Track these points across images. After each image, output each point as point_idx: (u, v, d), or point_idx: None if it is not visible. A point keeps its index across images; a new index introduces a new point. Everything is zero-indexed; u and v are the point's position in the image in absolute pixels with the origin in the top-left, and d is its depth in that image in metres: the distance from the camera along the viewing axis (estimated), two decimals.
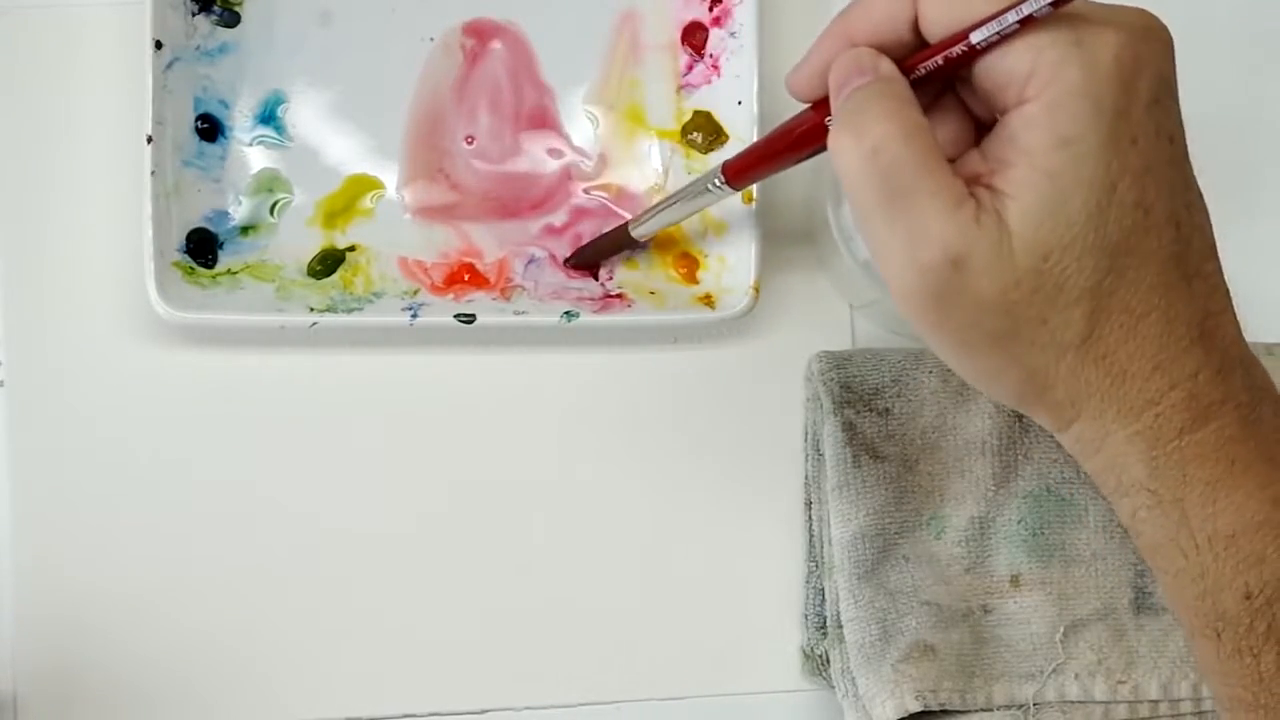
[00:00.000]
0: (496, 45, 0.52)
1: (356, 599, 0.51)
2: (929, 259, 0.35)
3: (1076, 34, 0.35)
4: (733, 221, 0.51)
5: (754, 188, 0.50)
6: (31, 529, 0.50)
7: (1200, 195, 0.37)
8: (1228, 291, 0.38)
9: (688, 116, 0.52)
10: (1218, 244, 0.38)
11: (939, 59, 0.36)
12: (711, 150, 0.52)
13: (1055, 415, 0.38)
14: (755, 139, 0.50)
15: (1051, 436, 0.50)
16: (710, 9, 0.52)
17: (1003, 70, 0.35)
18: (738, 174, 0.44)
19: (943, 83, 0.38)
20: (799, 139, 0.41)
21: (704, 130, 0.52)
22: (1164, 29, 0.36)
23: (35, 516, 0.50)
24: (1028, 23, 0.35)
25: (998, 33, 0.35)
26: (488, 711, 0.51)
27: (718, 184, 0.45)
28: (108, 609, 0.50)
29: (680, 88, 0.53)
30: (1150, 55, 0.35)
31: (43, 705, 0.49)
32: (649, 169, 0.52)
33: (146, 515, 0.50)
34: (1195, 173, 0.37)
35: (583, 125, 0.52)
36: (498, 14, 0.52)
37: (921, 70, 0.37)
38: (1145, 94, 0.35)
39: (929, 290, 0.36)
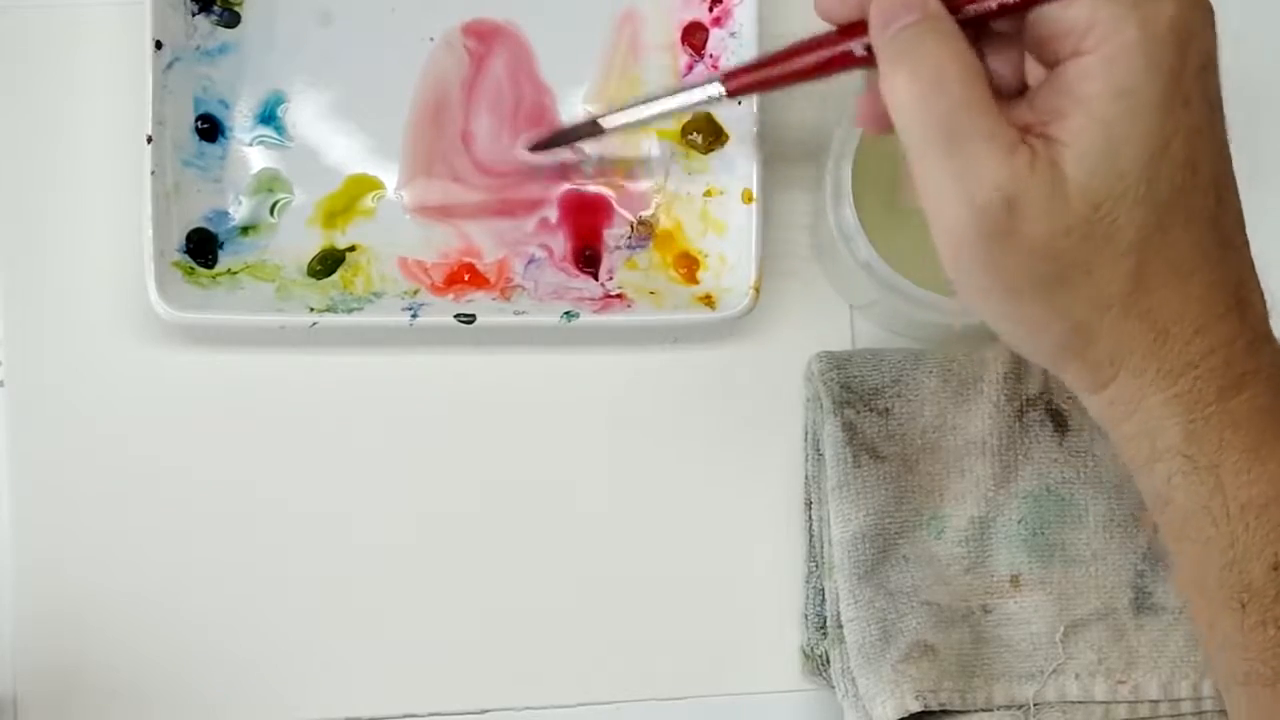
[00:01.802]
0: (496, 45, 0.52)
1: (356, 599, 0.51)
2: (984, 199, 0.36)
3: None
4: (733, 221, 0.51)
5: (755, 188, 0.50)
6: (31, 529, 0.50)
7: (1233, 170, 0.38)
8: (1255, 268, 0.38)
9: (688, 116, 0.52)
10: None
11: (994, 2, 0.37)
12: (711, 150, 0.52)
13: (1093, 374, 0.38)
14: (756, 136, 0.50)
15: (1052, 436, 0.51)
16: (710, 9, 0.52)
17: (1060, 22, 0.36)
18: (741, 85, 0.43)
19: (977, 31, 0.38)
20: (824, 63, 0.40)
21: (704, 130, 0.52)
22: (1209, 3, 0.37)
23: (35, 516, 0.50)
24: None
25: None
26: (488, 711, 0.51)
27: (715, 93, 0.43)
28: (107, 608, 0.50)
29: None
30: (1200, 24, 0.36)
31: (42, 704, 0.49)
32: (649, 169, 0.52)
33: (146, 515, 0.50)
34: None
35: None
36: (498, 14, 0.52)
37: (970, 11, 0.37)
38: (1195, 60, 0.36)
39: (981, 231, 0.36)
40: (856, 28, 0.38)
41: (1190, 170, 0.36)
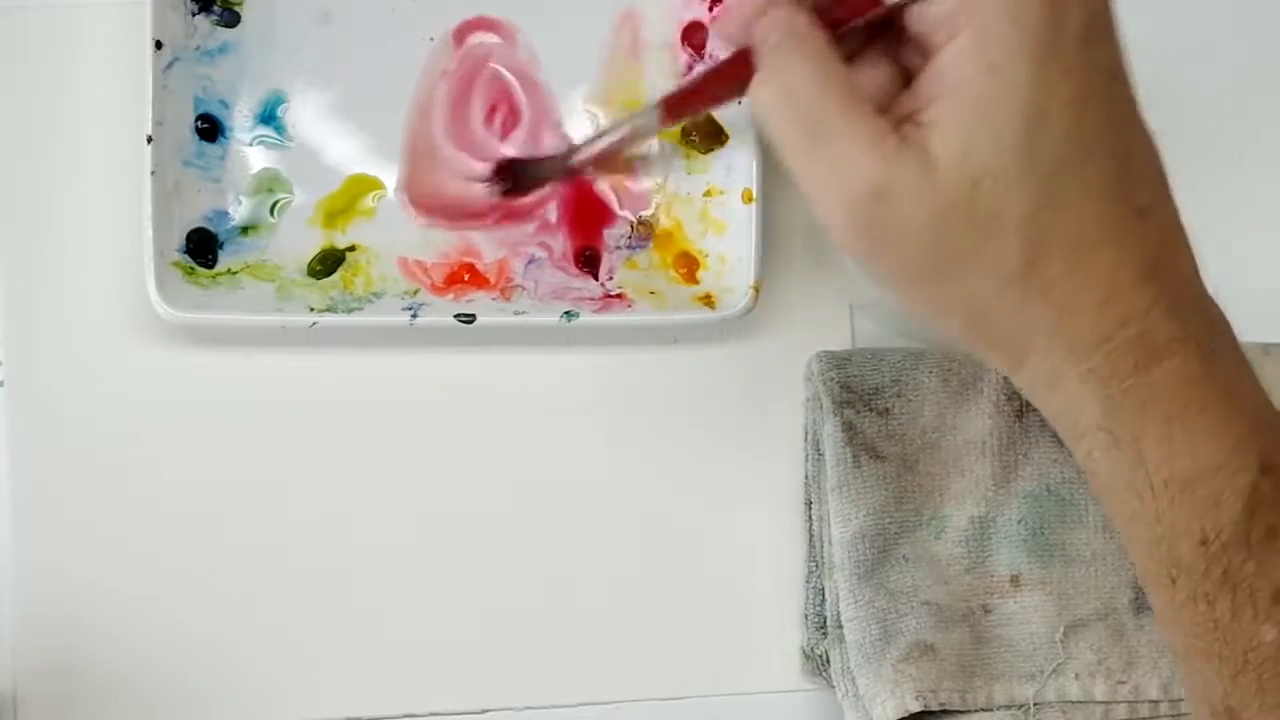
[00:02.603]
0: (496, 45, 0.52)
1: (357, 598, 0.51)
2: (852, 192, 0.36)
3: None
4: (733, 221, 0.51)
5: (755, 188, 0.50)
6: (31, 528, 0.50)
7: (1150, 136, 0.37)
8: (1185, 233, 0.38)
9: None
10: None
11: (860, 20, 0.38)
12: (711, 150, 0.52)
13: (1005, 354, 0.38)
14: (755, 136, 0.50)
15: (1052, 436, 0.51)
16: (710, 9, 0.52)
17: (933, 13, 0.36)
18: (673, 110, 0.45)
19: (869, 31, 0.39)
20: (728, 78, 0.42)
21: (704, 130, 0.52)
22: None
23: (35, 516, 0.50)
24: None
25: None
26: (488, 711, 0.51)
27: (656, 118, 0.45)
28: (108, 608, 0.50)
29: None
30: None
31: (43, 703, 0.49)
32: (649, 169, 0.52)
33: (146, 514, 0.50)
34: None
35: (583, 125, 0.52)
36: (498, 14, 0.52)
37: (845, 26, 0.38)
38: (1075, 27, 0.35)
39: (858, 223, 0.36)
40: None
41: (1077, 142, 0.36)
